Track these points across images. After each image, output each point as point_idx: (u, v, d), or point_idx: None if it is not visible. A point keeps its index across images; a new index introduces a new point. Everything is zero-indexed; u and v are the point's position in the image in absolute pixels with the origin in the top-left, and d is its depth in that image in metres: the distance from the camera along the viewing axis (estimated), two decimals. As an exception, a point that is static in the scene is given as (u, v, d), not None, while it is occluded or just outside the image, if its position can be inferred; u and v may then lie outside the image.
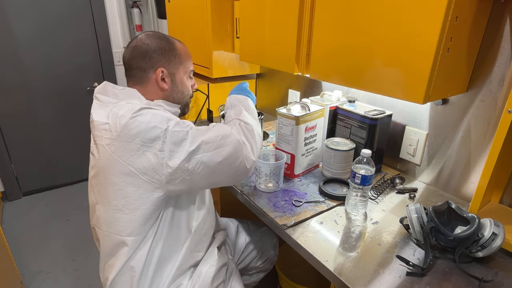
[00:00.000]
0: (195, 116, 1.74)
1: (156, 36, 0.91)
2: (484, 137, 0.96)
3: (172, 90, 0.93)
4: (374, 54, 0.85)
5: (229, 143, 0.83)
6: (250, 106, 1.00)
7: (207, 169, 0.81)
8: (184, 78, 0.96)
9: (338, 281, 0.74)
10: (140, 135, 0.76)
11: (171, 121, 0.79)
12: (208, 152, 0.81)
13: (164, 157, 0.77)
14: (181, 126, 0.80)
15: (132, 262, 0.85)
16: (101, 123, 0.81)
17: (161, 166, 0.77)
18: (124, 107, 0.80)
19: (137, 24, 2.72)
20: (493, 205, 0.94)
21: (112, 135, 0.78)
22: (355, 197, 0.95)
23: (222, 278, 1.00)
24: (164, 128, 0.77)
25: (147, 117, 0.77)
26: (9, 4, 2.15)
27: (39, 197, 2.61)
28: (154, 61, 0.89)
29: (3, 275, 1.48)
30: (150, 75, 0.89)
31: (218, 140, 0.82)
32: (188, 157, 0.78)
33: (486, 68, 0.91)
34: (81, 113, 2.59)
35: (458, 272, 0.76)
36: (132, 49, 0.89)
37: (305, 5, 1.01)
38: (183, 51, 0.95)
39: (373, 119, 1.07)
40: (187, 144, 0.78)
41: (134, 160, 0.77)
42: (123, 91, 0.87)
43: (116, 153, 0.78)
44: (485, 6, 0.83)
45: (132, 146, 0.76)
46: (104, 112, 0.81)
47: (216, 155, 0.81)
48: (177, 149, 0.78)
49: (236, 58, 1.68)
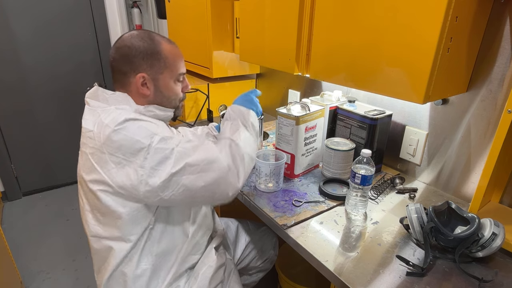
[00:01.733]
0: (195, 116, 1.74)
1: (140, 37, 0.84)
2: (484, 137, 0.96)
3: (155, 95, 0.87)
4: (374, 54, 0.85)
5: (214, 169, 0.78)
6: (249, 121, 0.93)
7: (187, 192, 0.77)
8: (169, 83, 0.88)
9: (338, 281, 0.74)
10: (122, 148, 0.73)
11: (155, 136, 0.75)
12: (191, 175, 0.76)
13: (143, 174, 0.74)
14: (166, 143, 0.76)
15: (123, 267, 0.83)
16: (87, 130, 0.79)
17: (140, 183, 0.74)
18: (110, 115, 0.77)
19: (137, 24, 2.72)
20: (493, 205, 0.94)
21: (95, 144, 0.76)
22: (355, 197, 0.95)
23: (220, 278, 0.99)
24: (147, 144, 0.74)
25: (131, 130, 0.74)
26: (9, 4, 2.15)
27: (39, 197, 2.61)
28: (135, 65, 0.83)
29: (3, 275, 1.48)
30: (131, 79, 0.84)
31: (203, 164, 0.78)
32: (169, 178, 0.74)
33: (486, 68, 0.91)
34: (81, 113, 2.53)
35: (458, 272, 0.76)
36: (115, 50, 0.84)
37: (305, 5, 1.01)
38: (169, 54, 0.86)
39: (373, 119, 1.07)
40: (170, 164, 0.75)
41: (114, 174, 0.75)
42: (113, 96, 0.84)
43: (98, 163, 0.76)
44: (485, 6, 0.83)
45: (113, 159, 0.74)
46: (92, 118, 0.80)
47: (199, 179, 0.77)
48: (158, 168, 0.74)
49: (236, 58, 1.68)
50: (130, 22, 2.73)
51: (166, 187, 0.75)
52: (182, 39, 1.89)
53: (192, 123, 1.67)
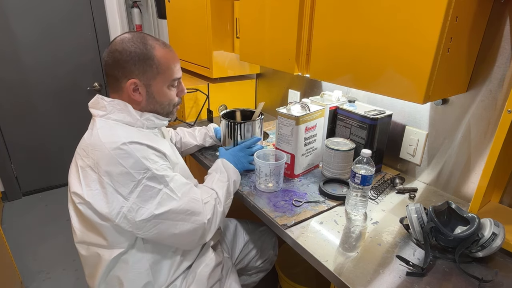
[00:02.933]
0: (195, 116, 1.74)
1: (132, 42, 0.81)
2: (484, 137, 0.96)
3: (148, 102, 0.86)
4: (374, 54, 0.85)
5: (193, 221, 0.81)
6: (235, 180, 1.02)
7: (158, 236, 0.79)
8: (163, 89, 0.86)
9: (338, 281, 0.74)
10: (112, 175, 0.73)
11: (148, 172, 0.75)
12: (170, 221, 0.78)
13: (123, 207, 0.74)
14: (156, 181, 0.76)
15: (116, 272, 0.83)
16: (84, 141, 0.79)
17: (118, 214, 0.74)
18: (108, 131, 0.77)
19: (137, 24, 2.72)
20: (493, 205, 0.94)
21: (88, 160, 0.76)
22: (355, 197, 0.95)
23: (218, 276, 0.99)
24: (138, 179, 0.74)
25: (126, 160, 0.74)
26: (10, 4, 2.15)
27: (39, 197, 2.61)
28: (127, 71, 0.81)
29: (3, 275, 1.48)
30: (123, 85, 0.82)
31: (185, 214, 0.80)
32: (150, 218, 0.75)
33: (486, 68, 0.91)
34: (81, 113, 2.59)
35: (458, 272, 0.76)
36: (107, 55, 0.82)
37: (305, 5, 1.01)
38: (163, 59, 0.83)
39: (373, 119, 1.07)
40: (153, 204, 0.75)
41: (96, 196, 0.75)
42: (112, 103, 0.83)
43: (84, 180, 0.76)
44: (485, 6, 0.83)
45: (101, 180, 0.74)
46: (91, 130, 0.80)
47: (174, 226, 0.79)
48: (142, 205, 0.75)
49: (236, 58, 1.68)
50: (130, 22, 2.73)
51: (143, 226, 0.76)
52: (182, 39, 1.89)
53: (192, 123, 1.67)
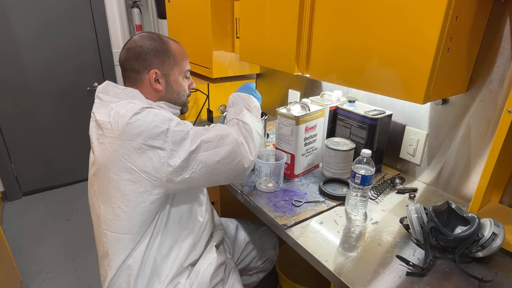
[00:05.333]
0: (195, 116, 1.74)
1: (149, 37, 0.91)
2: (484, 137, 0.96)
3: (167, 91, 0.94)
4: (374, 54, 0.85)
5: (228, 143, 0.85)
6: (252, 104, 1.01)
7: (205, 168, 0.82)
8: (179, 79, 0.96)
9: (338, 281, 0.74)
10: (142, 134, 0.77)
11: (172, 121, 0.80)
12: (207, 151, 0.82)
13: (165, 156, 0.78)
14: (182, 126, 0.81)
15: (129, 260, 0.85)
16: (103, 121, 0.81)
17: (162, 165, 0.78)
18: (125, 106, 0.80)
19: (137, 24, 2.72)
20: (493, 205, 0.94)
21: (113, 134, 0.78)
22: (355, 197, 0.95)
23: (221, 276, 1.00)
24: (166, 128, 0.78)
25: (149, 116, 0.78)
26: (9, 4, 2.15)
27: (39, 197, 2.61)
28: (148, 62, 0.89)
29: (3, 275, 1.48)
30: (144, 76, 0.90)
31: (217, 139, 0.84)
32: (188, 156, 0.79)
33: (486, 68, 0.91)
34: (81, 113, 2.60)
35: (458, 272, 0.76)
36: (126, 51, 0.90)
37: (305, 5, 1.01)
38: (177, 52, 0.94)
39: (373, 119, 1.07)
40: (187, 143, 0.80)
41: (135, 159, 0.77)
42: (125, 91, 0.88)
43: (117, 151, 0.78)
44: (485, 6, 0.83)
45: (133, 145, 0.77)
46: (106, 111, 0.82)
47: (214, 154, 0.83)
48: (177, 149, 0.79)
49: (236, 58, 1.68)
50: (130, 22, 2.73)
51: (186, 166, 0.80)
52: (182, 39, 1.89)
53: (192, 123, 1.67)
